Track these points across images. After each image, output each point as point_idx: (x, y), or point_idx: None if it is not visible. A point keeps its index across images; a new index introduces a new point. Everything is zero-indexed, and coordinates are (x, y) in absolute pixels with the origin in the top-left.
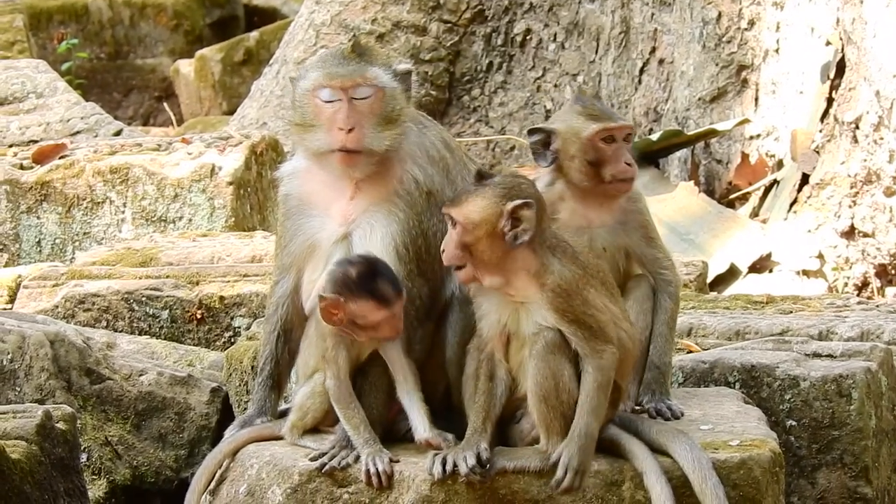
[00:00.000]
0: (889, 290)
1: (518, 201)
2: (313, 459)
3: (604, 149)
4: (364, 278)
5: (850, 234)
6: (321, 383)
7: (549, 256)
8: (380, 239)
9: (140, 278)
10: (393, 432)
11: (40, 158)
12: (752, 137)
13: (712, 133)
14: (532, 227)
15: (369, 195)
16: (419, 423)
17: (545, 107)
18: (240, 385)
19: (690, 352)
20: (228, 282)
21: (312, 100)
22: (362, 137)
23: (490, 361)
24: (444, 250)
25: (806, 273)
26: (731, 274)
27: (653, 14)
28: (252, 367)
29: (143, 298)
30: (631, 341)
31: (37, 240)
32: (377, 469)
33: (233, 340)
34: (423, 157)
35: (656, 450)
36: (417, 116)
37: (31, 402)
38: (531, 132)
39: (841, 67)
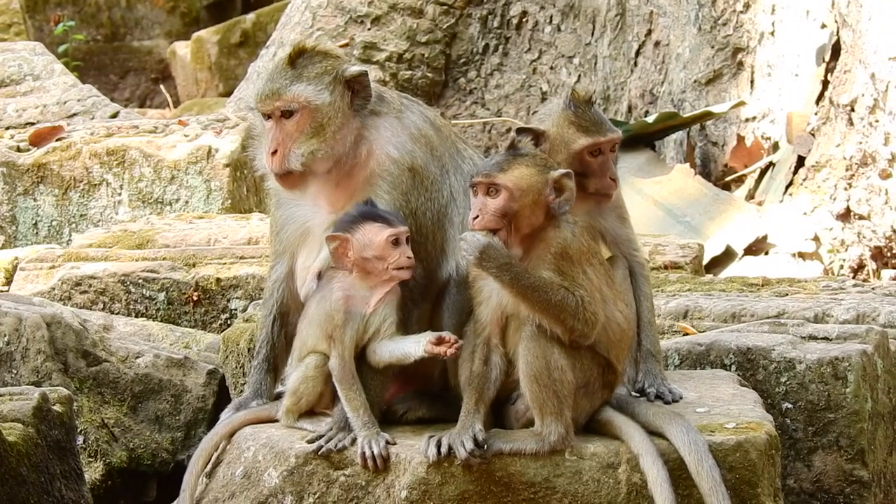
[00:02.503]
0: (885, 273)
1: (562, 171)
2: (310, 442)
3: (590, 162)
4: (363, 211)
5: (845, 216)
6: (313, 367)
7: (566, 229)
8: None
9: (136, 260)
10: (390, 414)
11: (37, 141)
12: (747, 120)
13: (708, 115)
14: (573, 196)
15: (353, 181)
16: (415, 340)
17: (541, 89)
18: (236, 367)
19: (686, 334)
20: (225, 264)
21: (256, 115)
22: (284, 160)
23: (486, 346)
24: (476, 216)
25: (802, 255)
26: (727, 256)
27: None
28: (248, 350)
29: (140, 281)
30: (627, 322)
31: (33, 222)
32: (373, 452)
33: (229, 322)
34: (402, 135)
35: (653, 432)
36: (398, 98)
37: (27, 384)
38: (520, 132)
39: (836, 50)
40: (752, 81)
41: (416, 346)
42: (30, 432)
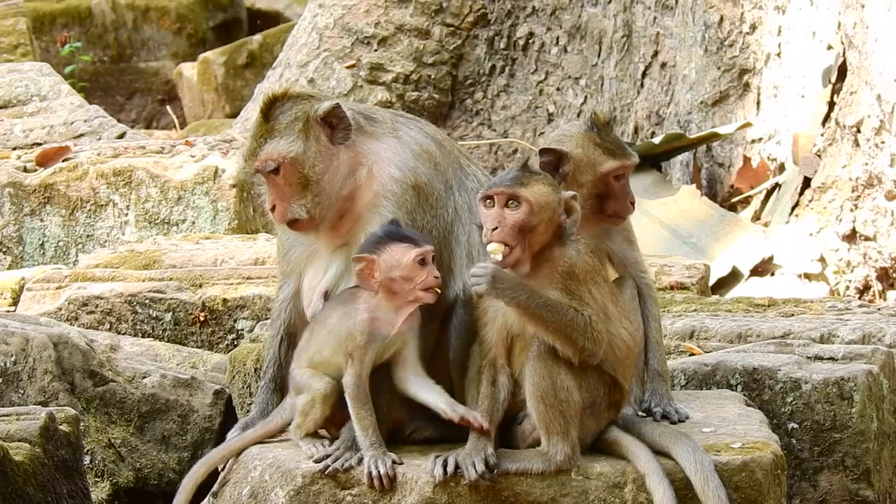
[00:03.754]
0: (890, 294)
1: (571, 192)
2: (317, 461)
3: (613, 185)
4: (388, 231)
5: (851, 237)
6: (321, 391)
7: (571, 248)
8: None
9: (143, 281)
10: (397, 434)
11: (44, 161)
12: (753, 141)
13: (714, 136)
14: (579, 218)
15: (357, 204)
16: (446, 403)
17: (547, 110)
18: (243, 387)
19: (692, 354)
20: (231, 284)
21: None
22: (285, 212)
23: (492, 367)
24: (494, 228)
25: (807, 276)
26: (733, 277)
27: (655, 18)
28: (255, 370)
29: (147, 301)
30: (632, 339)
31: (40, 242)
32: (379, 472)
33: (236, 343)
34: (403, 153)
35: (658, 452)
36: (391, 117)
37: (34, 404)
38: (542, 152)
39: (842, 71)
40: (758, 103)
41: (446, 406)
42: (37, 452)
